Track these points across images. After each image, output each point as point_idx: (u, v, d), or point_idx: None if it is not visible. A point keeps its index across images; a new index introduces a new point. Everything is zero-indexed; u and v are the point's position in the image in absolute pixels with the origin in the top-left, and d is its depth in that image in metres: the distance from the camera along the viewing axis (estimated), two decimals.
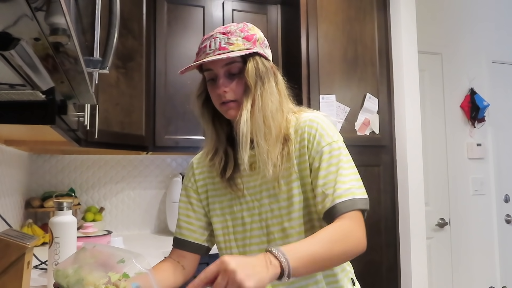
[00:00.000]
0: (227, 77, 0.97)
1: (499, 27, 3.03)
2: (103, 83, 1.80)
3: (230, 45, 0.95)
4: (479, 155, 2.86)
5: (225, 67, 0.96)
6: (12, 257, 0.96)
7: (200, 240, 1.08)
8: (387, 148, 2.34)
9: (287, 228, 0.97)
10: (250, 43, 0.97)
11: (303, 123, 0.98)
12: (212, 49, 0.96)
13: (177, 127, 2.29)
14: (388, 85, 2.38)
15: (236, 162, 1.02)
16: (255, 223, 1.00)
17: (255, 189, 1.01)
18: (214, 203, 1.06)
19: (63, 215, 1.21)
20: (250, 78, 0.95)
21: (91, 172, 2.45)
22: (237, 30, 0.98)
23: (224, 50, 0.94)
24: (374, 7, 2.39)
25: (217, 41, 0.96)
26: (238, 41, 0.96)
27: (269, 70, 0.99)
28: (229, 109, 0.97)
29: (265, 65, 0.98)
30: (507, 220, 2.90)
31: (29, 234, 1.08)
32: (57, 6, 0.38)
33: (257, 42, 0.98)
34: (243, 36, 0.97)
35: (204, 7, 2.40)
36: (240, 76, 0.97)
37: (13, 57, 0.47)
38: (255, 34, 0.99)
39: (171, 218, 2.35)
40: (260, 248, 0.99)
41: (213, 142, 1.03)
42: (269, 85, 0.97)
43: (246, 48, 0.95)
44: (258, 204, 1.00)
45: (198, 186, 1.10)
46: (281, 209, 0.97)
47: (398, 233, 2.31)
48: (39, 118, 0.81)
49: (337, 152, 0.94)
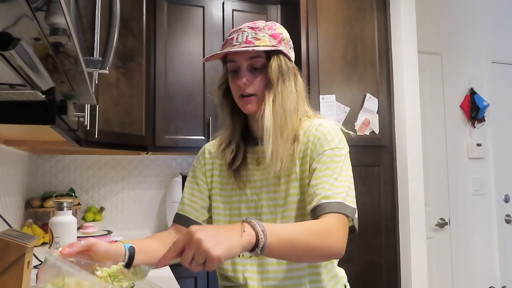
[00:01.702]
0: (249, 71, 0.99)
1: (499, 27, 3.03)
2: (103, 83, 1.80)
3: (257, 40, 0.98)
4: (479, 155, 2.86)
5: (249, 60, 0.99)
6: (12, 257, 0.96)
7: (201, 219, 1.10)
8: (387, 148, 2.34)
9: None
10: (276, 41, 1.00)
11: (313, 127, 0.99)
12: (238, 42, 0.99)
13: (177, 127, 2.30)
14: (388, 85, 2.38)
15: (245, 155, 1.05)
16: (251, 216, 1.02)
17: (256, 183, 1.03)
18: (217, 189, 1.09)
19: (63, 215, 1.21)
20: (273, 74, 0.97)
21: (91, 172, 2.45)
22: (265, 27, 1.00)
23: (251, 44, 0.97)
24: (374, 7, 2.39)
25: (245, 35, 0.99)
26: (264, 37, 0.98)
27: (291, 70, 1.02)
28: (247, 104, 1.00)
29: (288, 65, 1.01)
30: (507, 220, 2.89)
31: (29, 234, 1.08)
32: (57, 6, 0.38)
33: (283, 41, 1.01)
34: (270, 33, 1.00)
35: (204, 7, 2.40)
36: (262, 71, 0.99)
37: (13, 57, 0.47)
38: (281, 33, 1.02)
39: (171, 218, 2.34)
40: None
41: (227, 134, 1.07)
42: (289, 84, 1.00)
43: (272, 45, 0.98)
44: (256, 198, 1.02)
45: (206, 169, 1.13)
46: (277, 207, 0.99)
47: (398, 233, 2.31)
48: (39, 118, 0.81)
49: (338, 159, 0.95)
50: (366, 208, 2.22)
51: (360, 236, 2.23)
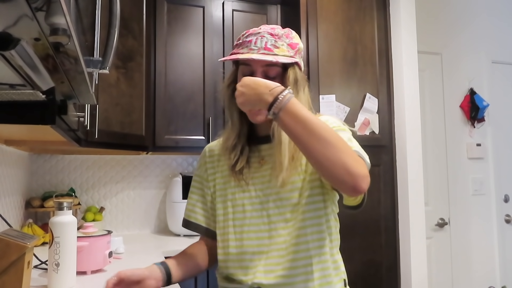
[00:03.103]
0: (263, 77, 0.97)
1: (499, 27, 3.03)
2: (103, 83, 1.80)
3: (276, 48, 0.98)
4: (478, 155, 2.86)
5: (265, 68, 0.98)
6: (12, 257, 0.97)
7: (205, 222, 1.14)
8: (387, 148, 2.34)
9: (289, 219, 0.99)
10: (293, 51, 1.00)
11: None
12: (257, 47, 0.98)
13: (177, 127, 2.30)
14: (388, 85, 2.38)
15: (249, 159, 1.06)
16: (255, 212, 1.02)
17: (260, 181, 1.03)
18: (220, 189, 1.10)
19: (63, 215, 1.21)
20: (290, 85, 0.97)
21: (91, 172, 2.45)
22: (283, 35, 1.00)
23: (270, 51, 0.97)
24: (374, 7, 2.39)
25: (264, 40, 0.98)
26: (283, 46, 0.98)
27: (303, 81, 1.02)
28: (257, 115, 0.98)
29: (301, 76, 1.01)
30: (507, 220, 2.90)
31: (29, 234, 1.08)
32: (57, 6, 0.38)
33: (298, 52, 1.01)
34: (288, 42, 1.00)
35: (204, 7, 2.41)
36: (275, 80, 0.97)
37: (13, 57, 0.47)
38: (298, 43, 1.02)
39: (171, 218, 2.35)
40: (258, 235, 1.01)
41: (234, 135, 1.06)
42: (302, 94, 1.01)
43: (290, 55, 0.98)
44: (261, 194, 1.02)
45: (208, 173, 1.14)
46: (283, 200, 1.00)
47: (398, 233, 2.31)
48: (39, 118, 0.81)
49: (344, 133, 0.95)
50: (366, 208, 2.19)
51: (360, 235, 2.23)
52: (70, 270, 1.22)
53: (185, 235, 2.33)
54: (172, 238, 2.29)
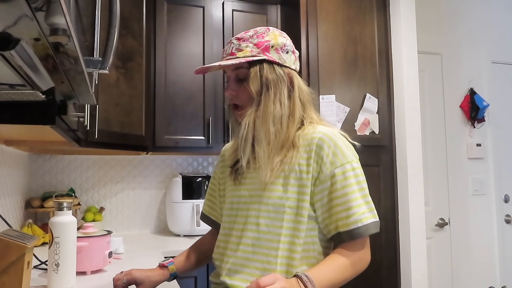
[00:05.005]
0: (236, 81, 1.01)
1: (498, 27, 3.04)
2: (103, 83, 1.80)
3: (239, 51, 0.99)
4: (478, 155, 2.86)
5: (234, 71, 1.00)
6: (12, 257, 0.96)
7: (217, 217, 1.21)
8: (387, 148, 2.34)
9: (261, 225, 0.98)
10: (259, 50, 0.98)
11: (316, 134, 0.97)
12: (226, 53, 1.01)
13: (177, 127, 2.30)
14: (388, 85, 2.38)
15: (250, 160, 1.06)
16: (240, 211, 1.04)
17: (250, 180, 1.05)
18: (225, 189, 1.14)
19: (63, 215, 1.21)
20: (252, 84, 0.97)
21: (91, 172, 2.45)
22: (254, 35, 1.00)
23: (233, 56, 0.99)
24: (374, 7, 2.39)
25: (231, 47, 1.01)
26: (247, 48, 0.98)
27: (280, 77, 0.98)
28: (234, 114, 1.04)
29: (275, 72, 0.98)
30: (507, 220, 2.90)
31: (29, 234, 1.08)
32: (57, 6, 0.38)
33: (271, 48, 0.99)
34: (255, 42, 0.99)
35: (204, 7, 2.41)
36: (247, 82, 0.98)
37: (13, 57, 0.47)
38: (269, 40, 0.99)
39: (171, 218, 2.35)
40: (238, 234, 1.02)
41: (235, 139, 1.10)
42: (276, 91, 0.97)
43: (251, 55, 0.97)
44: (247, 194, 1.04)
45: (220, 171, 1.19)
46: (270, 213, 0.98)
47: (398, 233, 2.31)
48: (39, 118, 0.81)
49: (350, 174, 0.95)
50: None
51: None
52: (70, 270, 1.22)
53: (185, 235, 2.33)
54: (172, 238, 2.29)
